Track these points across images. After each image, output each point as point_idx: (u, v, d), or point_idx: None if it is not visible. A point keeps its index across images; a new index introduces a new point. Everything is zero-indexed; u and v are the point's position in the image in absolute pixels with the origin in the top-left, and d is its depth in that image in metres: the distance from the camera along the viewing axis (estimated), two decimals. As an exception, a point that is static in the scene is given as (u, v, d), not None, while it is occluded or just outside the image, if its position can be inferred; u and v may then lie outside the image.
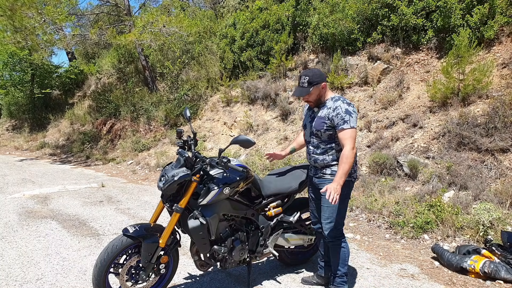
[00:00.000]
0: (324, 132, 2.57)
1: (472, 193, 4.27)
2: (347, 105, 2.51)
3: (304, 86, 2.58)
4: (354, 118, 2.49)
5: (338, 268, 2.72)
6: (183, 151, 2.69)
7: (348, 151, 2.44)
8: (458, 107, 5.28)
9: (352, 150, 2.44)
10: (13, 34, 9.38)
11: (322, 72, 2.65)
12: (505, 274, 3.02)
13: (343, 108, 2.50)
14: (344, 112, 2.48)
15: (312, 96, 2.60)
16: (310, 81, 2.55)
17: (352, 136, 2.46)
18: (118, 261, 2.55)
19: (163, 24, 9.97)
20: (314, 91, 2.58)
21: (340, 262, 2.71)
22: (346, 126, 2.47)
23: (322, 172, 2.67)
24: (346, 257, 2.74)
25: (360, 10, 7.13)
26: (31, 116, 15.26)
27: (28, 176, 8.20)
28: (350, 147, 2.44)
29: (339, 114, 2.49)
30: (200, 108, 9.91)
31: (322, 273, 2.98)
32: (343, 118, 2.47)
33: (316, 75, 2.57)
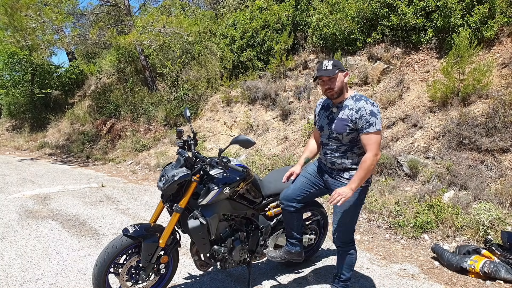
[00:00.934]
0: (347, 135, 2.39)
1: (472, 193, 4.27)
2: (371, 106, 2.32)
3: (329, 69, 2.35)
4: (379, 120, 2.31)
5: (342, 272, 2.64)
6: (183, 151, 2.69)
7: (371, 157, 2.28)
8: (458, 107, 5.28)
9: (376, 157, 2.29)
10: (13, 34, 9.38)
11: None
12: (505, 274, 3.02)
13: (367, 109, 2.31)
14: (369, 114, 2.29)
15: (337, 83, 2.36)
16: (335, 64, 2.36)
17: (377, 141, 2.30)
18: (118, 261, 2.55)
19: (163, 25, 9.97)
20: (338, 77, 2.36)
21: (346, 267, 2.62)
22: (371, 129, 2.29)
23: (339, 175, 2.51)
24: (353, 263, 2.64)
25: (360, 10, 7.13)
26: (31, 116, 15.26)
27: (28, 176, 8.20)
28: (374, 153, 2.28)
29: (363, 116, 2.30)
30: (200, 108, 9.91)
31: (292, 249, 2.81)
32: (368, 121, 2.29)
33: (339, 62, 2.40)
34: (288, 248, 2.84)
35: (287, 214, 2.76)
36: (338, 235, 2.57)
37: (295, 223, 2.77)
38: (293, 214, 2.73)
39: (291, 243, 2.83)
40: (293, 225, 2.77)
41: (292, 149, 6.90)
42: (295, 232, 2.79)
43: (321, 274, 3.25)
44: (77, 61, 15.66)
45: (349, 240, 2.60)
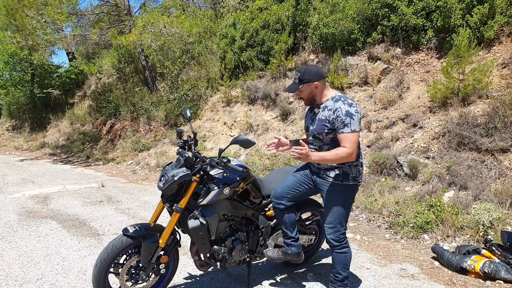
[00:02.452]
0: (326, 135, 2.47)
1: (472, 193, 4.27)
2: (348, 106, 2.36)
3: (295, 83, 2.50)
4: (356, 120, 2.34)
5: (339, 271, 2.64)
6: (183, 151, 2.69)
7: (345, 151, 2.33)
8: (458, 107, 5.28)
9: (350, 154, 2.33)
10: (13, 34, 9.39)
11: (319, 70, 2.50)
12: (505, 274, 3.02)
13: (343, 110, 2.35)
14: (345, 114, 2.34)
15: (304, 93, 2.51)
16: (300, 78, 2.47)
17: (352, 141, 2.33)
18: (118, 261, 2.55)
19: (164, 25, 9.98)
20: (305, 89, 2.48)
21: (342, 267, 2.63)
22: (346, 130, 2.34)
23: (325, 174, 2.56)
24: (348, 261, 2.65)
25: (360, 10, 7.13)
26: (31, 116, 15.27)
27: (28, 176, 8.20)
28: (349, 150, 2.32)
29: (339, 116, 2.35)
30: (200, 108, 9.91)
31: (288, 250, 2.82)
32: (343, 121, 2.34)
33: (309, 72, 2.45)
34: (284, 249, 2.85)
35: (279, 213, 2.79)
36: (331, 235, 2.59)
37: (287, 221, 2.78)
38: (283, 212, 2.76)
39: (286, 244, 2.83)
40: (286, 223, 2.78)
41: (292, 149, 6.89)
42: (288, 230, 2.79)
43: (321, 274, 3.25)
44: (77, 61, 15.66)
45: (341, 239, 2.60)
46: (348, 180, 2.50)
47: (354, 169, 2.52)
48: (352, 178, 2.51)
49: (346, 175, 2.50)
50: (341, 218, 2.56)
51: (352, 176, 2.50)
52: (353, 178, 2.51)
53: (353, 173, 2.51)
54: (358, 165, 2.54)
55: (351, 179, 2.50)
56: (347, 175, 2.50)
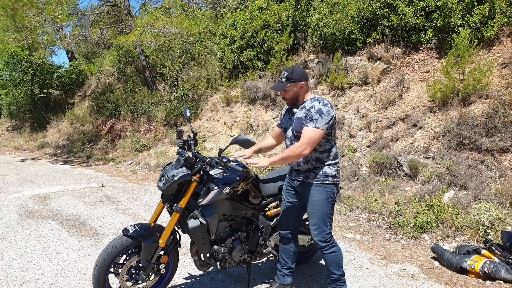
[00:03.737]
0: None
1: (472, 193, 4.27)
2: (322, 105, 2.44)
3: (282, 81, 2.55)
4: (324, 119, 2.41)
5: (333, 271, 2.64)
6: (183, 151, 2.69)
7: (297, 146, 2.41)
8: (458, 107, 5.28)
9: (301, 148, 2.38)
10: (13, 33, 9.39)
11: (304, 72, 2.61)
12: (505, 274, 3.02)
13: (316, 107, 2.45)
14: (316, 111, 2.43)
15: (289, 93, 2.57)
16: (288, 77, 2.53)
17: (310, 136, 2.39)
18: (118, 261, 2.55)
19: (164, 25, 9.98)
20: (290, 88, 2.54)
21: (335, 266, 2.63)
22: (311, 124, 2.42)
23: (305, 176, 2.60)
24: (340, 260, 2.66)
25: (360, 10, 7.13)
26: (31, 116, 15.28)
27: (28, 176, 8.21)
28: (300, 144, 2.39)
29: (310, 112, 2.45)
30: (200, 108, 9.91)
31: (284, 281, 2.81)
32: (311, 117, 2.43)
33: (296, 72, 2.53)
34: (280, 280, 2.83)
35: (285, 241, 2.81)
36: (317, 236, 2.59)
37: (291, 251, 2.79)
38: (290, 240, 2.79)
39: (283, 274, 2.82)
40: (289, 253, 2.79)
41: (292, 149, 6.90)
42: (289, 260, 2.80)
43: (321, 274, 3.25)
44: (77, 61, 15.66)
45: (327, 239, 2.60)
46: (327, 180, 2.55)
47: (333, 169, 2.57)
48: (331, 178, 2.56)
49: (326, 175, 2.55)
50: (324, 218, 2.57)
51: (331, 175, 2.56)
52: (332, 177, 2.56)
53: (331, 172, 2.56)
54: (336, 165, 2.60)
55: (330, 178, 2.56)
56: (326, 175, 2.55)
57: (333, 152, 2.57)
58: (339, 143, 6.38)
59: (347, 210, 4.88)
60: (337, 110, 7.05)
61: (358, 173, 5.50)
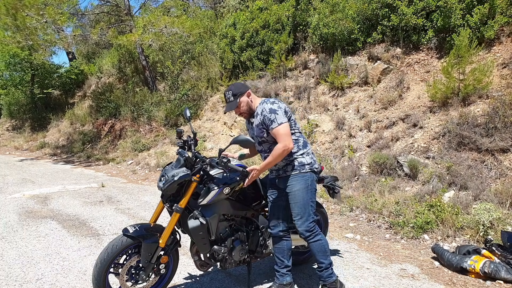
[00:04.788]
0: (267, 135, 2.61)
1: (472, 193, 4.27)
2: (270, 104, 2.55)
3: (231, 100, 2.65)
4: (280, 114, 2.51)
5: (320, 261, 2.67)
6: (183, 151, 2.69)
7: (280, 147, 2.48)
8: (458, 107, 5.28)
9: (285, 147, 2.47)
10: (14, 34, 9.39)
11: (244, 84, 2.73)
12: (505, 274, 3.02)
13: (267, 109, 2.54)
14: (269, 112, 2.52)
15: (242, 107, 2.66)
16: (234, 93, 2.63)
17: (283, 133, 2.49)
18: (118, 261, 2.55)
19: (165, 25, 9.98)
20: (242, 102, 2.64)
21: (321, 255, 2.66)
22: (274, 125, 2.50)
23: (283, 171, 2.67)
24: (326, 248, 2.69)
25: (360, 10, 7.13)
26: (31, 116, 15.28)
27: (28, 176, 8.21)
28: (283, 144, 2.48)
29: (265, 116, 2.54)
30: (200, 108, 9.91)
31: (283, 281, 2.79)
32: (269, 119, 2.52)
33: (237, 87, 2.66)
34: (279, 281, 2.82)
35: (277, 240, 2.81)
36: (301, 226, 2.63)
37: (285, 249, 2.79)
38: (282, 238, 2.79)
39: (282, 274, 2.81)
40: (283, 251, 2.79)
41: (292, 149, 6.89)
42: (285, 259, 2.80)
43: (321, 274, 3.25)
44: (77, 61, 15.66)
45: (311, 228, 2.64)
46: (304, 168, 2.63)
47: (308, 157, 2.66)
48: (308, 166, 2.64)
49: (302, 165, 2.63)
50: (306, 206, 2.63)
51: (307, 164, 2.65)
52: (308, 165, 2.64)
53: (306, 161, 2.65)
54: (308, 153, 2.69)
55: (307, 166, 2.64)
56: (303, 164, 2.64)
57: (300, 141, 2.67)
58: (339, 143, 6.38)
59: (347, 210, 4.87)
60: (337, 110, 7.05)
61: (358, 173, 5.50)
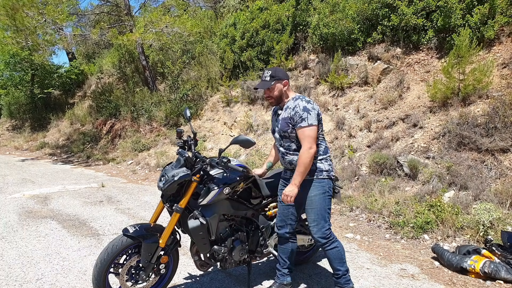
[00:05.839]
0: (291, 132, 2.55)
1: (472, 193, 4.27)
2: (305, 103, 2.49)
3: (266, 80, 2.59)
4: (312, 115, 2.46)
5: (337, 268, 2.63)
6: (183, 151, 2.69)
7: (305, 152, 2.43)
8: (458, 107, 5.28)
9: (309, 150, 2.43)
10: (13, 34, 9.39)
11: (286, 72, 2.66)
12: (505, 274, 3.02)
13: (301, 106, 2.48)
14: (302, 109, 2.47)
15: (274, 91, 2.59)
16: (272, 75, 2.57)
17: (309, 135, 2.44)
18: (118, 261, 2.55)
19: (165, 25, 9.97)
20: (275, 86, 2.58)
21: (338, 262, 2.63)
22: (303, 123, 2.45)
23: None
24: (342, 255, 2.65)
25: (360, 10, 7.13)
26: (31, 116, 15.28)
27: (28, 176, 8.21)
28: (307, 147, 2.43)
29: (297, 112, 2.48)
30: (200, 108, 9.91)
31: (284, 281, 2.81)
32: (301, 116, 2.46)
33: (279, 71, 2.59)
34: (280, 280, 2.83)
35: (282, 241, 2.81)
36: (317, 233, 2.59)
37: (289, 250, 2.79)
38: (287, 240, 2.79)
39: (283, 274, 2.82)
40: (287, 252, 2.79)
41: (292, 149, 6.89)
42: (288, 260, 2.81)
43: (321, 274, 3.25)
44: (77, 61, 15.66)
45: (327, 235, 2.60)
46: (322, 174, 2.56)
47: (326, 164, 2.60)
48: (325, 172, 2.58)
49: (320, 170, 2.57)
50: (323, 213, 2.57)
51: (325, 170, 2.58)
52: (326, 171, 2.58)
53: (325, 167, 2.58)
54: (327, 159, 2.63)
55: (324, 173, 2.58)
56: (320, 170, 2.57)
57: (322, 146, 2.60)
58: (339, 143, 6.38)
59: (347, 210, 4.87)
60: (337, 110, 7.05)
61: (358, 173, 5.50)
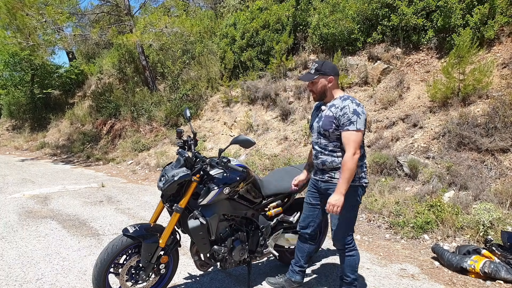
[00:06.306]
0: (332, 132, 2.42)
1: (472, 193, 4.27)
2: (356, 106, 2.36)
3: (311, 72, 2.49)
4: (361, 119, 2.34)
5: (347, 274, 2.60)
6: (183, 151, 2.69)
7: (349, 158, 2.30)
8: (458, 107, 5.28)
9: (354, 156, 2.30)
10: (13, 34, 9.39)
11: (336, 67, 2.50)
12: (505, 274, 3.02)
13: (351, 108, 2.35)
14: (352, 112, 2.34)
15: (317, 86, 2.48)
16: (317, 69, 2.46)
17: (355, 140, 2.32)
18: (118, 261, 2.55)
19: (165, 25, 9.97)
20: (319, 81, 2.46)
21: (350, 270, 2.59)
22: (352, 127, 2.33)
23: (329, 176, 2.51)
24: (356, 264, 2.61)
25: (360, 10, 7.13)
26: (31, 116, 15.26)
27: (28, 176, 8.21)
28: (351, 153, 2.30)
29: (346, 114, 2.35)
30: (200, 108, 9.91)
31: (292, 277, 2.82)
32: (349, 119, 2.33)
33: (326, 66, 2.46)
34: (289, 275, 2.85)
35: (302, 239, 2.81)
36: (337, 237, 2.55)
37: (306, 251, 2.79)
38: (307, 241, 2.78)
39: (294, 271, 2.83)
40: (304, 252, 2.79)
41: (292, 149, 6.90)
42: (303, 259, 2.81)
43: (321, 274, 3.25)
44: (77, 61, 15.65)
45: (349, 242, 2.56)
46: (354, 181, 2.40)
47: (359, 169, 2.45)
48: (357, 179, 2.45)
49: None
50: (348, 220, 2.50)
51: (357, 176, 2.44)
52: (358, 178, 2.45)
53: (358, 173, 2.43)
54: (362, 166, 2.49)
55: (356, 179, 2.43)
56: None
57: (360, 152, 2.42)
58: (339, 143, 6.37)
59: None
60: (337, 110, 7.04)
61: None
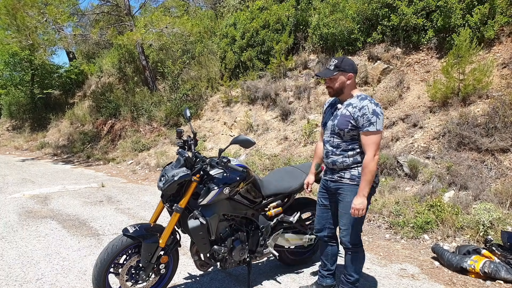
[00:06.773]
0: (348, 132, 2.38)
1: (472, 193, 4.27)
2: (374, 106, 2.32)
3: (330, 69, 2.43)
4: (381, 120, 2.30)
5: (350, 273, 2.60)
6: (183, 151, 2.69)
7: (370, 160, 2.29)
8: (458, 107, 5.28)
9: (374, 158, 2.29)
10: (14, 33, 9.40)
11: (355, 65, 2.46)
12: (505, 274, 3.02)
13: (370, 108, 2.30)
14: (371, 113, 2.29)
15: (335, 82, 2.42)
16: (337, 65, 2.39)
17: (375, 142, 2.30)
18: (118, 261, 2.55)
19: (166, 25, 9.98)
20: (338, 77, 2.40)
21: (354, 269, 2.59)
22: (372, 128, 2.29)
23: (339, 176, 2.48)
24: (361, 264, 2.61)
25: (360, 10, 7.13)
26: (31, 116, 15.26)
27: (28, 176, 8.21)
28: (372, 155, 2.28)
29: (365, 114, 2.30)
30: (200, 108, 9.91)
31: (323, 282, 2.81)
32: (369, 120, 2.29)
33: (346, 62, 2.41)
34: (320, 281, 2.84)
35: (322, 244, 2.81)
36: (345, 237, 2.52)
37: (329, 253, 2.78)
38: (327, 244, 2.77)
39: (323, 275, 2.82)
40: (328, 255, 2.79)
41: (292, 149, 6.90)
42: (328, 263, 2.80)
43: (321, 274, 3.25)
44: (77, 61, 15.65)
45: (358, 241, 2.55)
46: None
47: None
48: None
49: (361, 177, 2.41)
50: (357, 220, 2.47)
51: None
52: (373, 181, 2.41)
53: None
54: None
55: None
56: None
57: None
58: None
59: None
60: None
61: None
